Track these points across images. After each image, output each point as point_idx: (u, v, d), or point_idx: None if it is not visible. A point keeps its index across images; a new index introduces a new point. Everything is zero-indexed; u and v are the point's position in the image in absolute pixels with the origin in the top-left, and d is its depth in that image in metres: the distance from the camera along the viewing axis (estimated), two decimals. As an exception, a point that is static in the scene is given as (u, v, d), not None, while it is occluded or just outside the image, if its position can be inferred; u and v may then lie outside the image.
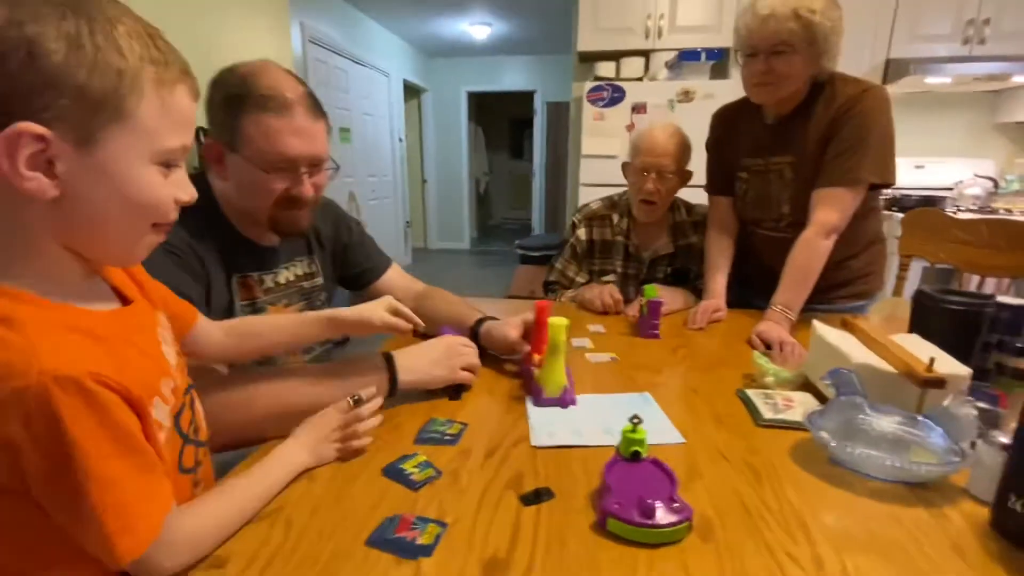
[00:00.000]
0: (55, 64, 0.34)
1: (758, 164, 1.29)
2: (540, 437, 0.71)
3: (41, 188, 0.36)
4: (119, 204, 0.40)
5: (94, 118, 0.37)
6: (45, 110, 0.35)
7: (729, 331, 1.21)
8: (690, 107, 2.59)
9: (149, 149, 0.40)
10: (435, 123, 6.34)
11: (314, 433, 0.65)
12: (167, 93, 0.40)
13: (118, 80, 0.37)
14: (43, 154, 0.35)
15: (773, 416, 0.77)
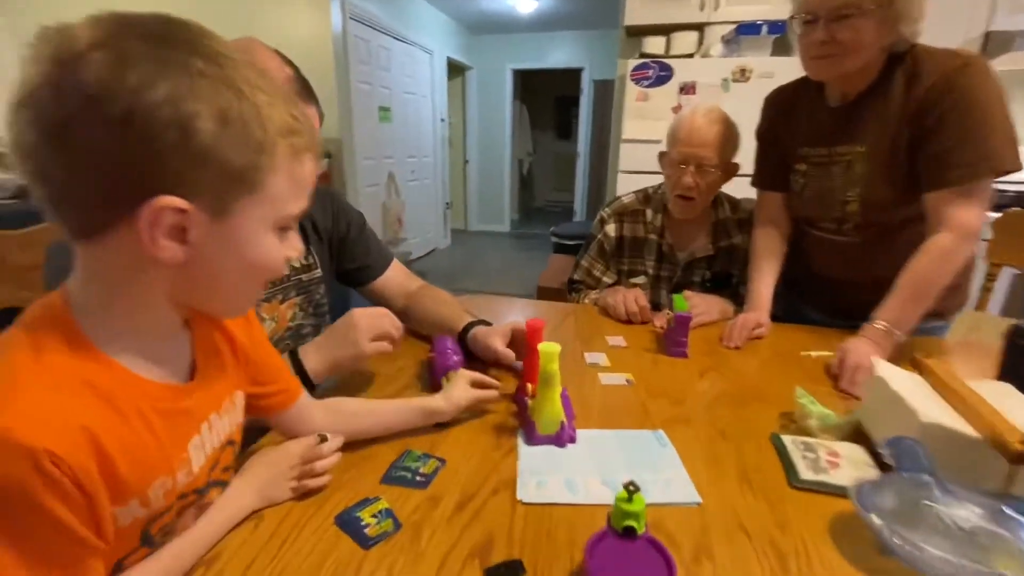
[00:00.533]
0: (204, 142, 0.34)
1: (819, 155, 1.10)
2: (527, 489, 0.61)
3: (172, 256, 0.37)
4: (240, 267, 0.41)
5: (231, 191, 0.37)
6: (189, 184, 0.35)
7: (771, 352, 1.06)
8: (746, 87, 2.35)
9: (274, 216, 0.41)
10: (479, 102, 6.21)
11: (267, 471, 0.58)
12: (297, 164, 0.41)
13: (257, 155, 0.37)
14: (179, 224, 0.36)
15: (812, 477, 0.63)
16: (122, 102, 0.32)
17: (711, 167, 1.19)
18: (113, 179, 0.34)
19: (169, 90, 0.33)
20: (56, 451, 0.33)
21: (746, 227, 1.31)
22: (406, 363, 0.93)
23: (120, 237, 0.36)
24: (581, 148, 6.13)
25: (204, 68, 0.35)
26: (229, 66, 0.36)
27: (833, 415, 0.74)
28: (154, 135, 0.33)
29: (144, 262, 0.37)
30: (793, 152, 1.15)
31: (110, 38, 0.33)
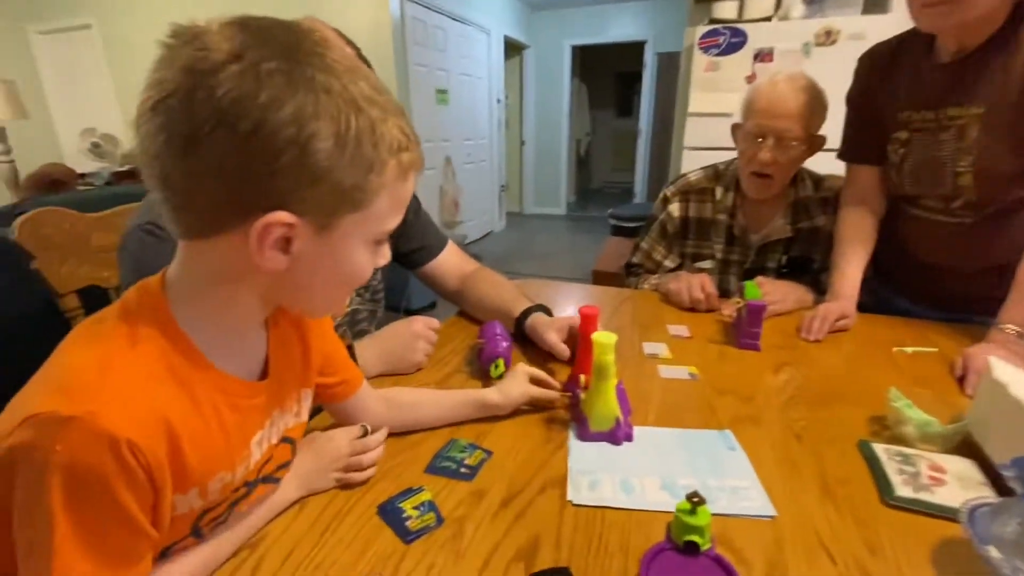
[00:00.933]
0: (320, 163, 0.35)
1: (925, 119, 0.95)
2: (579, 489, 0.57)
3: (275, 265, 0.37)
4: (333, 277, 0.42)
5: (338, 208, 0.38)
6: (299, 201, 0.36)
7: (858, 347, 0.94)
8: (831, 52, 2.11)
9: (373, 232, 0.41)
10: (536, 81, 6.08)
11: (313, 461, 0.57)
12: (401, 183, 0.41)
13: (366, 175, 0.38)
14: (286, 236, 0.37)
15: (911, 495, 0.54)
16: (251, 119, 0.33)
17: (793, 141, 1.07)
18: (231, 190, 0.35)
19: (295, 109, 0.34)
20: (137, 441, 0.34)
21: (831, 207, 1.18)
22: (455, 347, 0.91)
23: (227, 241, 0.37)
24: (643, 126, 5.88)
25: (328, 83, 0.35)
26: (348, 80, 0.36)
27: (936, 422, 0.64)
28: (276, 153, 0.34)
29: (246, 267, 0.38)
30: (892, 118, 1.00)
31: (246, 51, 0.33)
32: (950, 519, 0.51)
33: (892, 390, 0.68)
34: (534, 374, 0.73)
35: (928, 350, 0.91)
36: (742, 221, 1.22)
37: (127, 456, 0.34)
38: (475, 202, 5.03)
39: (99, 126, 3.96)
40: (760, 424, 0.69)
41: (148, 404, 0.36)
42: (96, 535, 0.35)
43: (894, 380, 0.79)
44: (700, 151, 2.32)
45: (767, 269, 1.23)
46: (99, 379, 0.35)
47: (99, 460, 0.33)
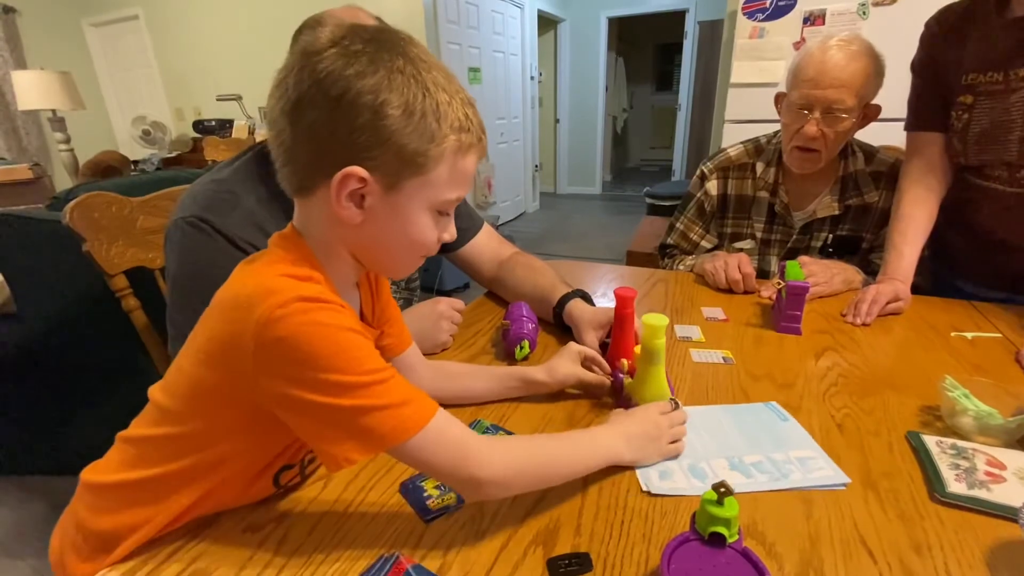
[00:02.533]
0: (389, 126, 0.42)
1: (992, 81, 0.87)
2: (650, 479, 0.55)
3: (351, 216, 0.44)
4: (400, 238, 0.47)
5: (403, 170, 0.44)
6: (372, 159, 0.42)
7: (910, 332, 0.88)
8: (891, 12, 1.94)
9: (433, 199, 0.46)
10: (571, 57, 5.92)
11: (643, 429, 0.57)
12: (460, 157, 0.46)
13: (427, 144, 0.43)
14: (359, 191, 0.44)
15: (964, 491, 0.50)
16: (339, 87, 0.41)
17: (843, 113, 0.98)
18: (321, 148, 0.43)
19: (374, 81, 0.41)
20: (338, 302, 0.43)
21: (883, 182, 1.09)
22: (481, 328, 0.91)
23: (321, 199, 0.44)
24: (683, 100, 5.64)
25: (403, 67, 0.42)
26: (423, 68, 0.43)
27: (996, 414, 0.59)
28: (355, 115, 0.41)
29: (332, 220, 0.45)
30: (957, 82, 0.92)
31: (343, 39, 0.42)
32: (1009, 519, 0.47)
33: (948, 379, 0.63)
34: (587, 354, 0.71)
35: (990, 335, 0.84)
36: (784, 198, 1.15)
37: (342, 308, 0.43)
38: (508, 182, 4.99)
39: (149, 114, 4.13)
40: (798, 412, 0.65)
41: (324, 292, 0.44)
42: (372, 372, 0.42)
43: (950, 368, 0.74)
44: (742, 124, 2.20)
45: (811, 249, 1.16)
46: (285, 277, 0.43)
47: (335, 303, 0.43)
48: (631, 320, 0.70)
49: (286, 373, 0.41)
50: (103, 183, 1.97)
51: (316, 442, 0.43)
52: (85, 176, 3.17)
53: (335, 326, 0.41)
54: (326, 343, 0.41)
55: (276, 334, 0.40)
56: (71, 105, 3.31)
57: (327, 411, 0.41)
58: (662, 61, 7.50)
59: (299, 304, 0.40)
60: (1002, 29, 0.85)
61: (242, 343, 0.40)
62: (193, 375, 0.46)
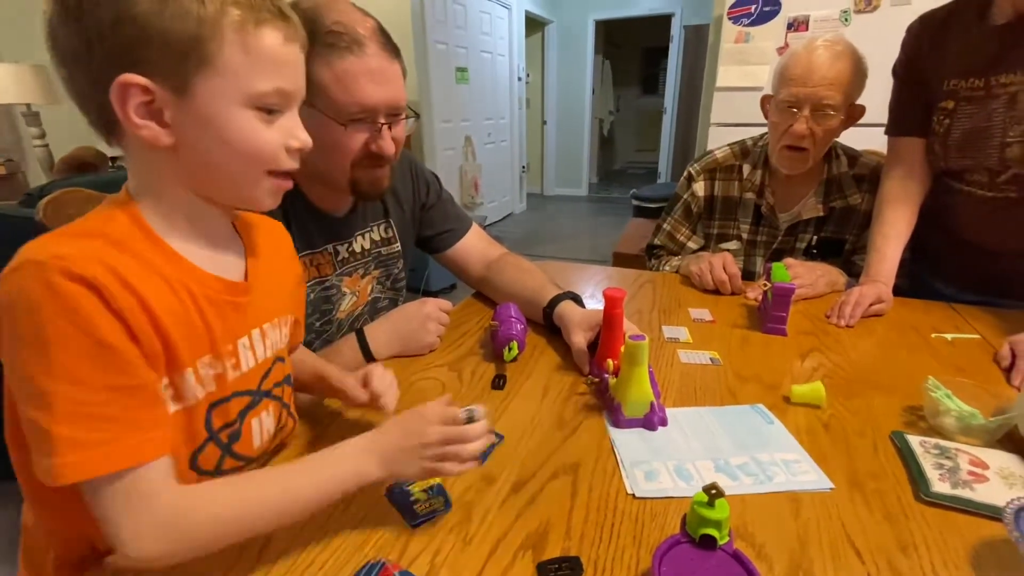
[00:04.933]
0: (143, 14, 0.37)
1: (973, 87, 0.89)
2: (636, 481, 0.54)
3: (155, 135, 0.40)
4: (223, 149, 0.42)
5: (182, 65, 0.38)
6: (141, 63, 0.38)
7: (892, 333, 0.89)
8: (872, 19, 1.98)
9: (241, 93, 0.41)
10: (558, 58, 5.93)
11: (400, 441, 0.47)
12: (250, 36, 0.40)
13: (198, 26, 0.38)
14: (151, 105, 0.39)
15: (948, 491, 0.51)
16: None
17: (831, 110, 1.00)
18: (88, 69, 0.38)
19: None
20: (105, 283, 0.36)
21: (866, 185, 1.11)
22: (469, 329, 0.90)
23: (126, 135, 0.40)
24: (668, 103, 5.70)
25: None
26: None
27: (978, 414, 0.60)
28: (97, 14, 0.37)
29: (147, 151, 0.41)
30: (938, 88, 0.94)
31: None
32: (992, 518, 0.48)
33: (930, 379, 0.64)
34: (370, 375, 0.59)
35: (970, 337, 0.86)
36: (770, 200, 1.16)
37: (81, 288, 0.35)
38: (495, 183, 4.98)
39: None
40: (785, 413, 0.66)
41: (100, 253, 0.38)
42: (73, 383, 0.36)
43: (932, 369, 0.75)
44: (727, 128, 2.22)
45: (796, 250, 1.17)
46: (67, 239, 0.38)
47: (69, 289, 0.35)
48: (619, 321, 0.70)
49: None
50: (79, 179, 1.91)
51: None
52: (60, 172, 3.08)
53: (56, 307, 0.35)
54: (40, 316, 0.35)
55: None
56: (46, 99, 3.22)
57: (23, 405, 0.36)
58: (648, 64, 7.56)
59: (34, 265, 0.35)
60: (983, 36, 0.87)
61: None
62: None
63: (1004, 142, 0.86)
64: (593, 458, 0.58)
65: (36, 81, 3.17)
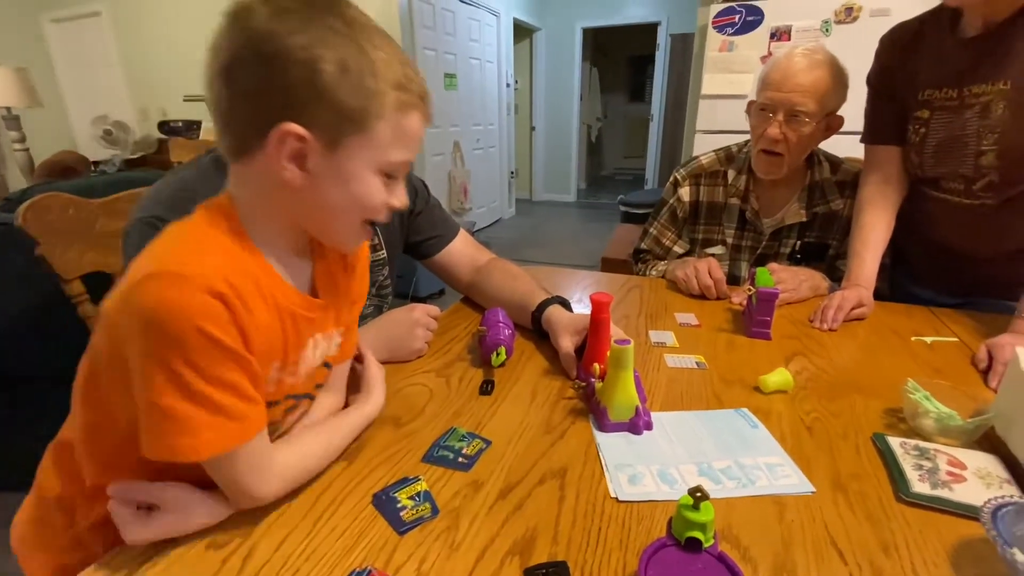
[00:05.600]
0: (324, 82, 0.41)
1: (947, 97, 0.91)
2: (620, 485, 0.54)
3: (293, 178, 0.44)
4: (345, 200, 0.47)
5: (342, 127, 0.44)
6: (309, 116, 0.42)
7: (874, 337, 0.91)
8: (853, 30, 2.03)
9: (378, 160, 0.46)
10: (546, 65, 5.98)
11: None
12: (403, 117, 0.46)
13: (367, 100, 0.43)
14: (300, 150, 0.43)
15: (928, 491, 0.52)
16: (272, 44, 0.40)
17: (805, 116, 1.02)
18: (256, 107, 0.42)
19: (307, 39, 0.41)
20: (224, 291, 0.42)
21: (848, 191, 1.13)
22: (457, 335, 0.90)
23: (259, 163, 0.44)
24: (655, 110, 5.76)
25: (337, 26, 0.42)
26: (358, 28, 0.43)
27: (956, 415, 0.61)
28: (288, 71, 0.41)
29: (275, 183, 0.45)
30: (912, 97, 0.96)
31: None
32: (970, 518, 0.49)
33: (910, 382, 0.66)
34: None
35: (948, 340, 0.88)
36: (755, 205, 1.18)
37: (217, 303, 0.41)
38: (484, 188, 4.99)
39: (111, 113, 3.98)
40: (769, 416, 0.67)
41: (225, 270, 0.43)
42: (229, 381, 0.43)
43: (912, 371, 0.76)
44: (713, 135, 2.26)
45: (780, 255, 1.19)
46: (183, 248, 0.43)
47: (190, 302, 0.40)
48: (606, 325, 0.70)
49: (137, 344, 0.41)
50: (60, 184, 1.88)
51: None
52: (41, 177, 3.02)
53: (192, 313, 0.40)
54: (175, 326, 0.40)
55: (137, 303, 0.40)
56: (27, 103, 3.17)
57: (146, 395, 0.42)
58: (635, 72, 7.65)
59: (167, 277, 0.40)
60: (955, 48, 0.89)
61: (120, 308, 0.41)
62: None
63: (979, 150, 0.88)
64: (580, 462, 0.58)
65: (17, 84, 3.12)
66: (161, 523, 0.46)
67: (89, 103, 4.63)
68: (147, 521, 0.46)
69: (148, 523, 0.46)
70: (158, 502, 0.46)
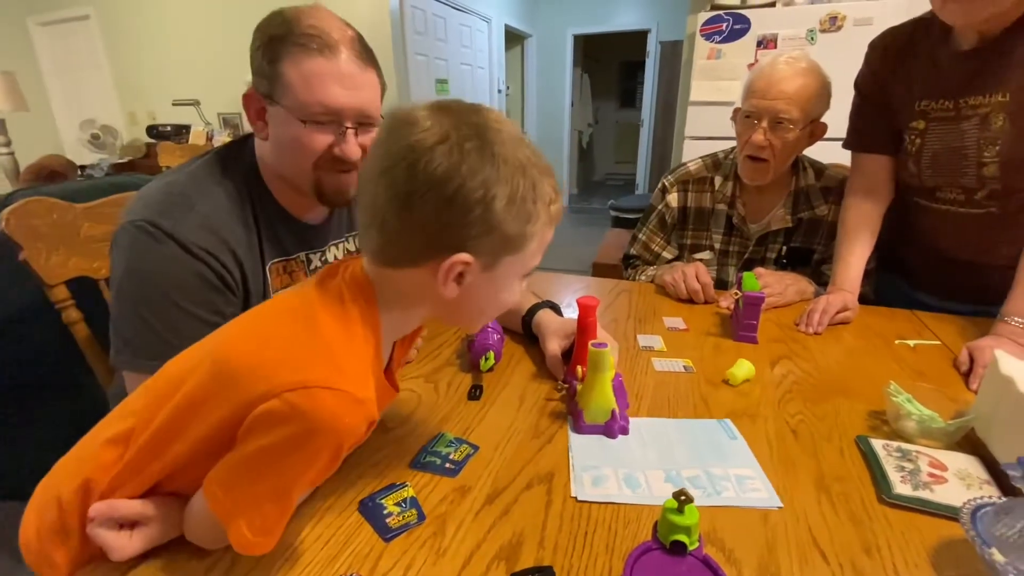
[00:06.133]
0: (497, 215, 0.44)
1: (944, 109, 0.91)
2: (583, 485, 0.55)
3: (450, 292, 0.46)
4: (491, 303, 0.51)
5: (503, 251, 0.46)
6: (478, 245, 0.44)
7: (858, 340, 0.92)
8: (836, 38, 2.07)
9: (523, 270, 0.50)
10: (538, 72, 6.01)
11: None
12: (548, 230, 0.49)
13: (526, 226, 0.46)
14: (462, 272, 0.45)
15: (909, 492, 0.53)
16: (454, 184, 0.42)
17: (789, 123, 1.03)
18: (432, 236, 0.44)
19: (484, 177, 0.43)
20: (375, 419, 0.44)
21: (832, 197, 1.15)
22: (446, 339, 0.89)
23: (417, 273, 0.46)
24: (645, 116, 5.81)
25: (505, 154, 0.44)
26: (517, 148, 0.45)
27: (937, 417, 0.62)
28: (469, 209, 0.43)
29: (426, 293, 0.47)
30: (908, 107, 0.96)
31: (450, 134, 0.42)
32: (950, 518, 0.50)
33: (892, 384, 0.67)
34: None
35: (931, 343, 0.89)
36: (741, 211, 1.19)
37: (367, 429, 0.44)
38: (476, 194, 4.99)
39: (99, 117, 3.95)
40: (756, 419, 0.67)
41: (375, 390, 0.45)
42: (314, 484, 0.46)
43: (895, 374, 0.78)
44: (701, 140, 2.29)
45: (767, 260, 1.20)
46: (352, 357, 0.44)
47: (355, 428, 0.42)
48: (592, 329, 0.70)
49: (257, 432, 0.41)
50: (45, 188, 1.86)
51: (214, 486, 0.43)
52: (26, 181, 2.98)
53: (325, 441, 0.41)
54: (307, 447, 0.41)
55: (306, 408, 0.39)
56: (13, 106, 3.13)
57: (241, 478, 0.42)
58: (626, 78, 7.70)
59: (319, 393, 0.40)
60: (950, 60, 0.89)
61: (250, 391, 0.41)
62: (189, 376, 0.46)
63: (980, 161, 0.88)
64: (568, 467, 0.58)
65: (3, 88, 3.08)
66: (147, 537, 0.46)
67: (76, 107, 4.58)
68: (133, 537, 0.46)
69: (134, 539, 0.46)
70: (140, 518, 0.46)
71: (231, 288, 0.70)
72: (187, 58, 3.96)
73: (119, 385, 0.73)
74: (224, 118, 3.88)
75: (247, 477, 0.42)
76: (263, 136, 0.73)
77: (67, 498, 0.47)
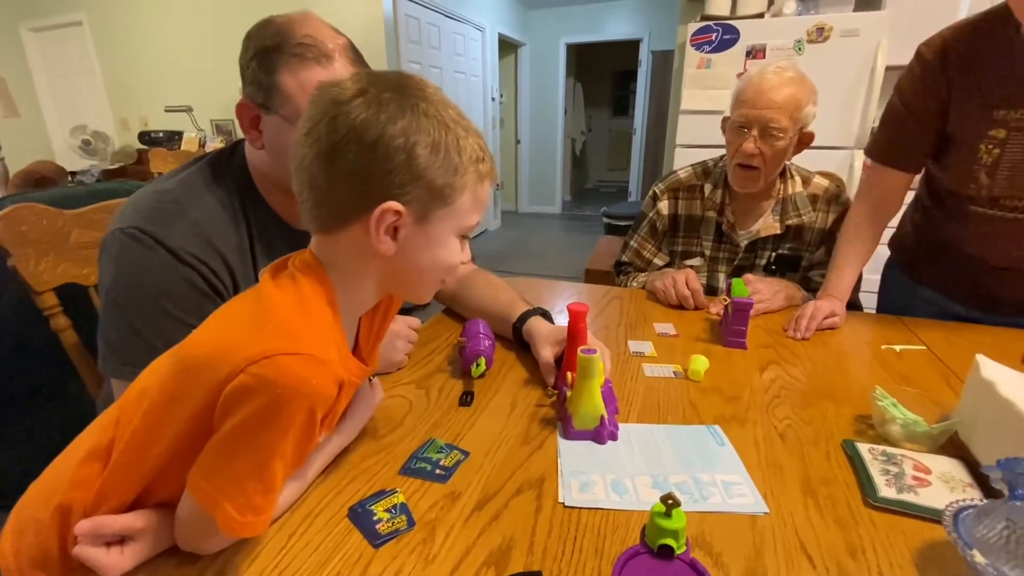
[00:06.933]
0: (420, 164, 0.45)
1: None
2: (569, 490, 0.55)
3: (387, 248, 0.47)
4: (432, 263, 0.51)
5: (433, 201, 0.47)
6: (406, 195, 0.46)
7: (846, 346, 0.93)
8: (824, 48, 2.10)
9: (459, 225, 0.51)
10: (531, 80, 6.06)
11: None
12: (479, 186, 0.50)
13: (452, 176, 0.47)
14: (394, 223, 0.46)
15: (894, 495, 0.53)
16: (374, 132, 0.43)
17: (779, 132, 1.05)
18: (358, 187, 0.45)
19: (404, 125, 0.44)
20: (345, 380, 0.47)
21: (820, 204, 1.17)
22: (438, 346, 0.90)
23: (351, 234, 0.47)
24: (638, 124, 5.87)
25: (427, 109, 0.45)
26: (442, 108, 0.46)
27: (922, 421, 0.63)
28: (391, 156, 0.44)
29: (365, 253, 0.48)
30: (985, 115, 0.89)
31: (369, 88, 0.45)
32: (934, 521, 0.50)
33: (877, 389, 0.67)
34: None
35: (916, 348, 0.90)
36: (731, 218, 1.21)
37: (335, 392, 0.45)
38: (470, 201, 5.00)
39: (90, 123, 3.93)
40: (744, 424, 0.68)
41: (339, 375, 0.45)
42: (295, 458, 0.45)
43: (880, 379, 0.79)
44: (692, 149, 2.31)
45: (756, 266, 1.22)
46: (309, 325, 0.45)
47: (324, 388, 0.43)
48: (583, 335, 0.71)
49: (231, 412, 0.41)
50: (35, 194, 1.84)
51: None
52: (16, 187, 2.96)
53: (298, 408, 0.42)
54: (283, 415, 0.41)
55: (271, 377, 0.40)
56: (3, 112, 3.11)
57: (221, 461, 0.42)
58: (619, 87, 7.79)
59: (283, 359, 0.41)
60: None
61: (214, 375, 0.41)
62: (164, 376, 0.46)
63: None
64: (557, 472, 0.58)
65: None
66: (139, 551, 0.46)
67: (68, 113, 4.56)
68: (124, 553, 0.45)
69: (126, 555, 0.45)
70: (130, 532, 0.46)
71: (221, 295, 0.70)
72: (180, 64, 3.96)
73: (107, 392, 0.73)
74: (217, 124, 3.88)
75: (225, 458, 0.42)
76: (257, 145, 0.73)
77: (44, 521, 0.46)
